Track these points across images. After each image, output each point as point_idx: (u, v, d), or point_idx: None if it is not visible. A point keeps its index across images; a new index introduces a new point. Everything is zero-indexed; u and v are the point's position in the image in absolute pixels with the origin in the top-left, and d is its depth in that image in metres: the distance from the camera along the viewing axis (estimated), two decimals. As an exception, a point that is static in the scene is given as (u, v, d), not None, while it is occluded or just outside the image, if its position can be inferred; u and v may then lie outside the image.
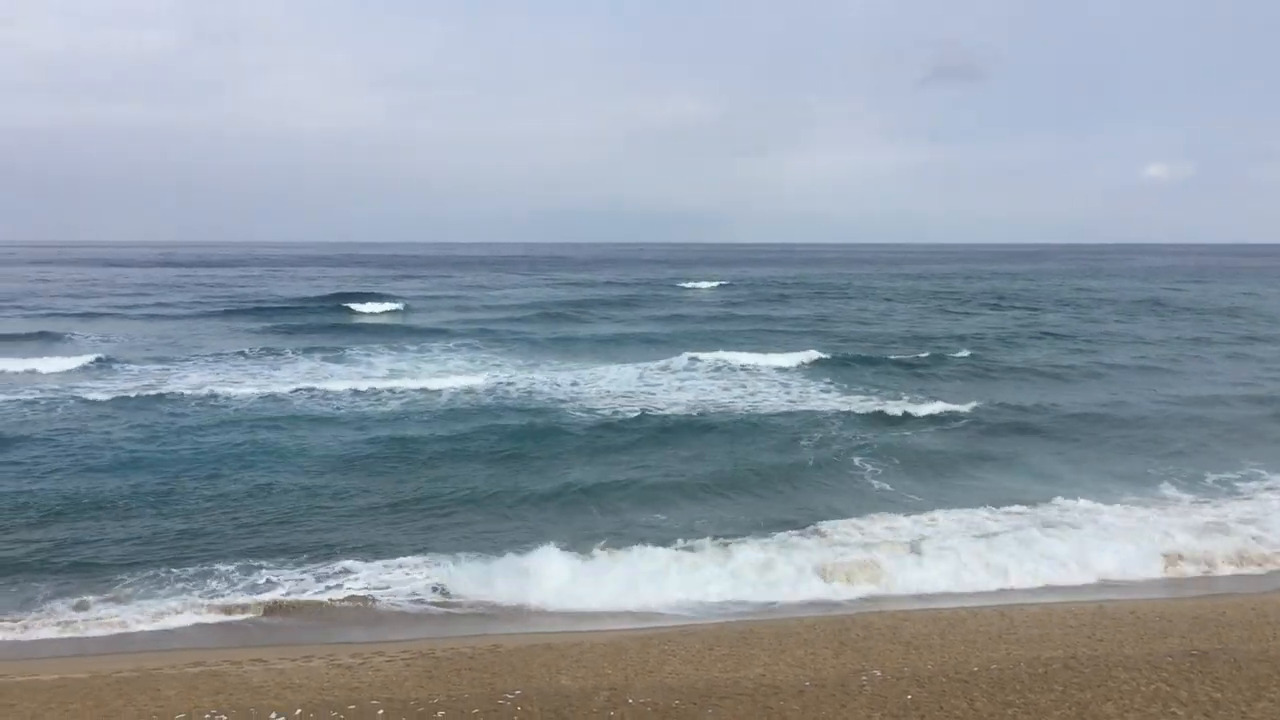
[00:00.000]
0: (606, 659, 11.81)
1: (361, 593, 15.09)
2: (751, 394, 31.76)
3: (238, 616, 14.30)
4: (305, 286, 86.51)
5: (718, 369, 37.03)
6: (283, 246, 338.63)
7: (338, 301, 67.52)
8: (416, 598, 14.99)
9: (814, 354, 39.48)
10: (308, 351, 41.19)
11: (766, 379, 35.08)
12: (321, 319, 56.60)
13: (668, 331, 51.29)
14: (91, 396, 29.23)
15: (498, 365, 38.01)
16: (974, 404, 29.14)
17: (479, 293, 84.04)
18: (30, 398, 29.04)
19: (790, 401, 30.53)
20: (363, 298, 69.68)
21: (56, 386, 31.41)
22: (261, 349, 41.46)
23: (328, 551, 16.68)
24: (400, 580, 15.56)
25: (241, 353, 39.91)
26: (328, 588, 15.27)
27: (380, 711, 10.06)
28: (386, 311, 63.18)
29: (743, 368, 37.22)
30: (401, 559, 16.41)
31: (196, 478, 20.86)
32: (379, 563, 16.25)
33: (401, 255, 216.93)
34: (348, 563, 16.21)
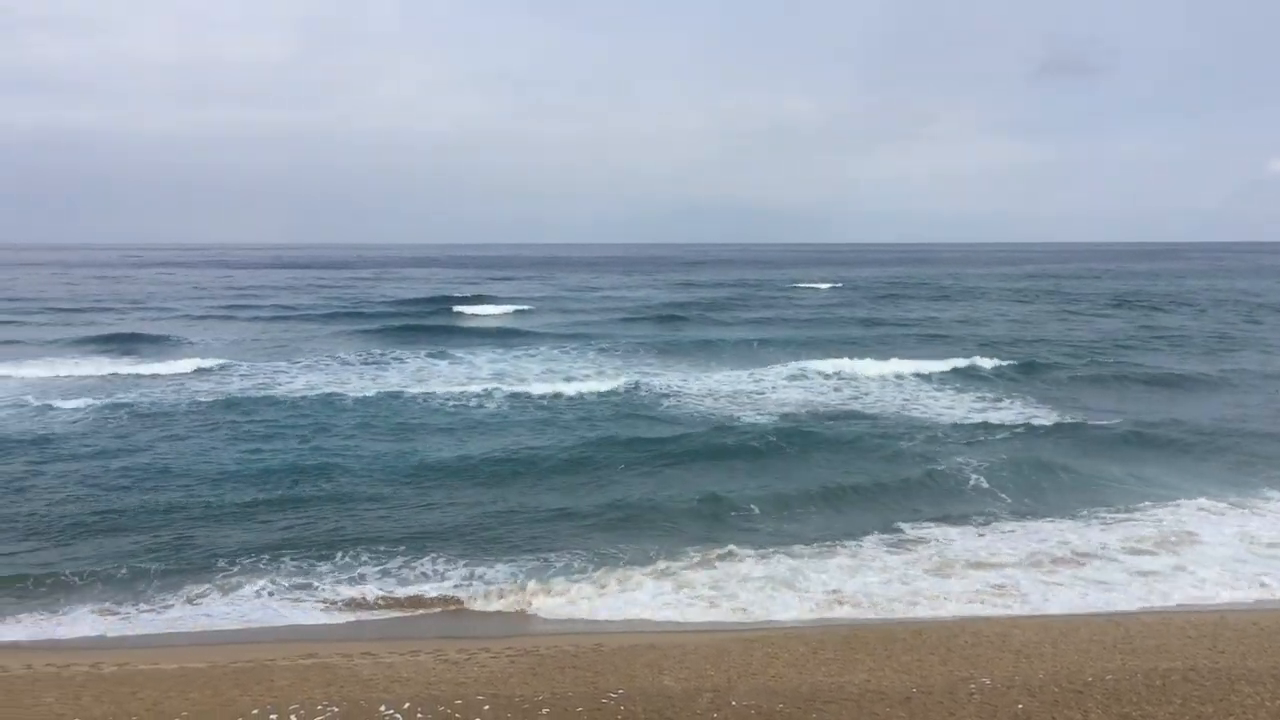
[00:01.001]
0: (709, 660, 11.77)
1: (469, 590, 15.30)
2: (875, 400, 31.08)
3: (348, 611, 14.63)
4: (415, 288, 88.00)
5: (836, 375, 35.81)
6: (392, 248, 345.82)
7: (447, 304, 68.42)
8: (520, 596, 15.13)
9: (952, 362, 37.36)
10: (417, 353, 41.85)
11: (890, 385, 34.01)
12: (431, 321, 57.23)
13: (784, 335, 49.91)
14: (208, 399, 30.19)
15: (615, 369, 37.56)
16: (1115, 417, 28.03)
17: (586, 294, 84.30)
18: (151, 399, 30.13)
19: (911, 406, 30.01)
20: (472, 300, 70.55)
21: (175, 387, 32.53)
22: (371, 351, 42.41)
23: (436, 549, 16.92)
24: (507, 579, 15.74)
25: (353, 355, 40.78)
26: (436, 584, 15.52)
27: (486, 707, 10.17)
28: (496, 314, 63.51)
29: (866, 375, 35.76)
30: (509, 558, 16.60)
31: (308, 476, 21.35)
32: (488, 561, 16.45)
33: (507, 256, 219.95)
34: (454, 560, 16.44)
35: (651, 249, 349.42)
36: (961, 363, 37.36)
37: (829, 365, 37.29)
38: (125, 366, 36.56)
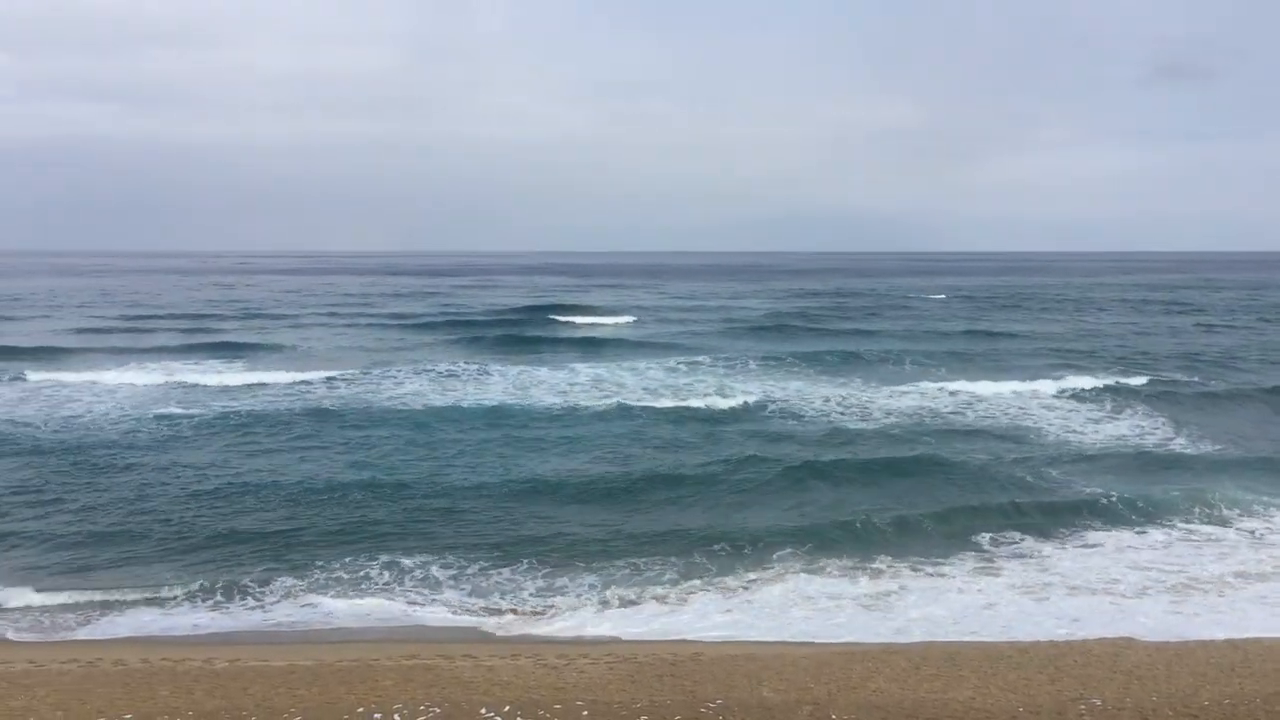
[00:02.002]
0: (809, 673, 11.64)
1: (567, 598, 15.41)
2: (998, 417, 30.09)
3: (450, 614, 14.84)
4: (519, 296, 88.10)
5: (959, 390, 33.99)
6: (493, 255, 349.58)
7: (552, 313, 67.42)
8: (617, 606, 15.18)
9: (1070, 381, 35.19)
10: (524, 363, 41.37)
11: (1016, 402, 32.32)
12: (537, 331, 56.49)
13: (904, 347, 46.81)
14: (316, 406, 30.88)
15: (733, 382, 36.00)
16: (1243, 438, 26.72)
17: (692, 303, 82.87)
18: (260, 406, 30.96)
19: (1032, 422, 29.24)
20: (580, 310, 69.14)
21: (283, 395, 33.37)
22: (474, 360, 42.72)
23: (535, 557, 17.08)
24: (604, 587, 15.81)
25: (457, 364, 41.11)
26: (534, 592, 15.67)
27: (585, 713, 10.21)
28: (603, 324, 62.15)
29: (991, 392, 33.67)
30: (608, 569, 16.67)
31: (411, 484, 21.55)
32: (587, 571, 16.55)
33: (607, 264, 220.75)
34: (554, 569, 16.59)
35: (753, 257, 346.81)
36: (1086, 382, 35.23)
37: (953, 382, 35.61)
38: (236, 375, 37.59)
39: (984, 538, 18.22)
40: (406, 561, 16.70)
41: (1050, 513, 19.60)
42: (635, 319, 65.02)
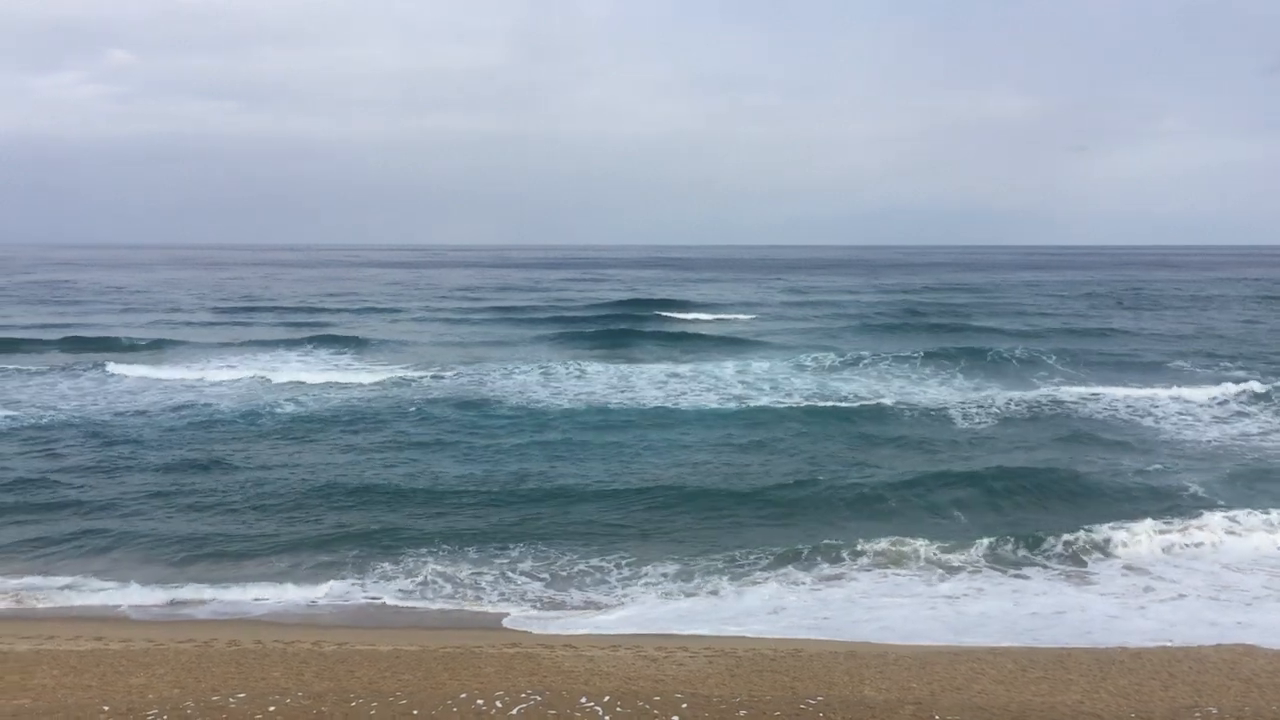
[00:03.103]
0: (912, 672, 11.47)
1: (668, 591, 15.46)
2: (1135, 418, 29.02)
3: (550, 606, 15.02)
4: (628, 291, 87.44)
5: (1095, 395, 31.70)
6: (597, 249, 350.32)
7: (661, 308, 66.69)
8: (717, 599, 15.17)
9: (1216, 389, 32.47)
10: (635, 358, 41.44)
11: (1139, 405, 30.36)
12: (650, 326, 55.49)
13: (1026, 346, 42.82)
14: (431, 398, 31.50)
15: (860, 382, 34.60)
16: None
17: (802, 297, 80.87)
18: (368, 401, 31.67)
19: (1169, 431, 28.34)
20: (690, 306, 68.36)
21: (395, 388, 34.07)
22: (580, 355, 42.99)
23: (634, 550, 17.20)
24: (706, 580, 15.82)
25: (562, 360, 41.30)
26: (634, 584, 15.75)
27: (684, 705, 10.21)
28: (713, 320, 60.80)
29: (1122, 396, 31.57)
30: (706, 560, 16.68)
31: (517, 478, 21.85)
32: (690, 565, 16.58)
33: (711, 258, 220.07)
34: (653, 564, 16.64)
35: (858, 251, 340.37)
36: (1218, 382, 33.28)
37: (1079, 384, 33.70)
38: (344, 368, 38.53)
39: (1095, 538, 17.71)
40: (506, 554, 16.95)
41: (1167, 513, 18.97)
42: (750, 315, 63.13)
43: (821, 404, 30.00)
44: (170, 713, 9.57)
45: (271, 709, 9.76)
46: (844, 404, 29.94)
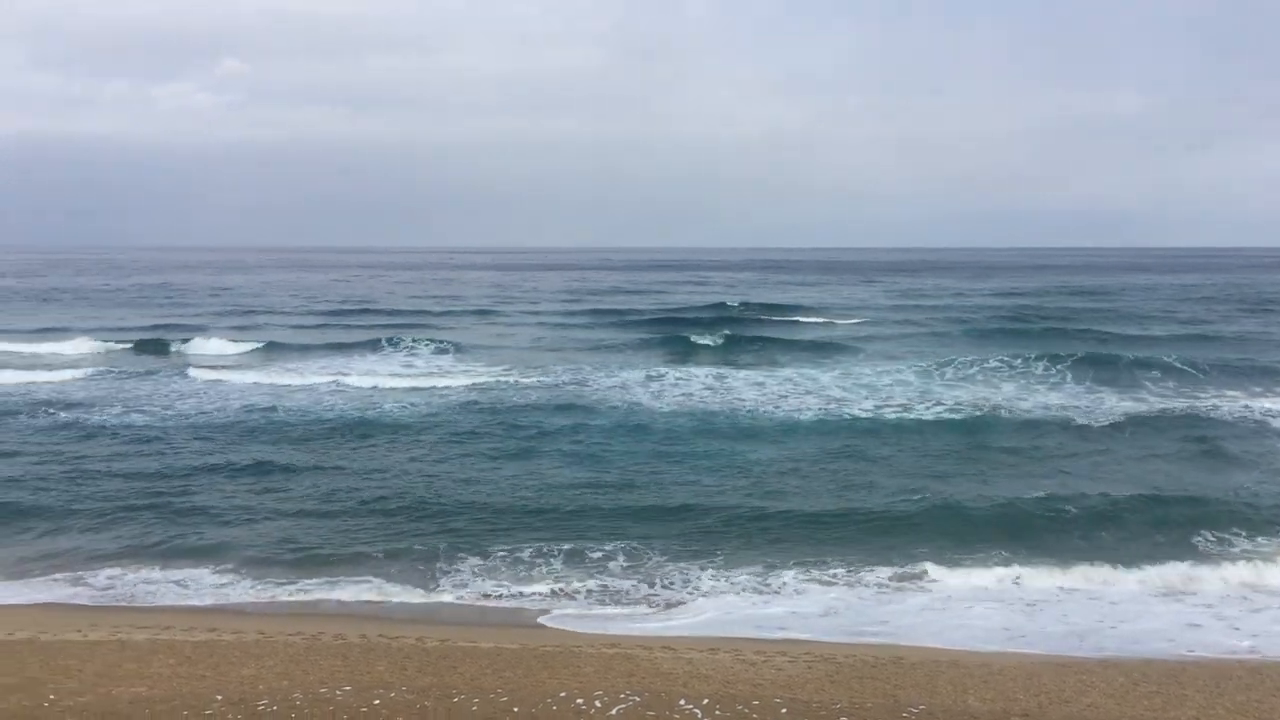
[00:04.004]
0: (1018, 683, 11.22)
1: (769, 594, 15.38)
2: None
3: (650, 606, 15.05)
4: (734, 293, 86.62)
5: (1226, 405, 29.61)
6: (704, 251, 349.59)
7: (774, 312, 65.37)
8: (815, 601, 15.04)
9: None
10: (745, 364, 41.23)
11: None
12: (760, 331, 53.34)
13: (1160, 354, 39.17)
14: (532, 400, 31.84)
15: (989, 391, 32.74)
16: None
17: (918, 301, 78.07)
18: (472, 402, 32.11)
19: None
20: (801, 309, 66.94)
21: (497, 389, 34.53)
22: (691, 360, 42.89)
23: (737, 552, 17.13)
24: (807, 584, 15.70)
25: (663, 364, 41.35)
26: (734, 588, 15.69)
27: (783, 710, 10.15)
28: (834, 325, 58.79)
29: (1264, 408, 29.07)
30: (807, 564, 16.54)
31: (614, 484, 21.86)
32: (793, 566, 16.47)
33: (824, 260, 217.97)
34: (755, 566, 16.56)
35: (965, 253, 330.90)
36: None
37: (1209, 393, 31.72)
38: (447, 370, 39.09)
39: (1208, 547, 17.12)
40: (607, 558, 17.02)
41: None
42: (853, 319, 61.36)
43: (927, 411, 29.35)
44: (280, 703, 9.83)
45: (376, 702, 9.97)
46: (951, 411, 29.20)
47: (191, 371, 37.23)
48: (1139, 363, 37.18)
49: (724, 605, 14.99)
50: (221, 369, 38.12)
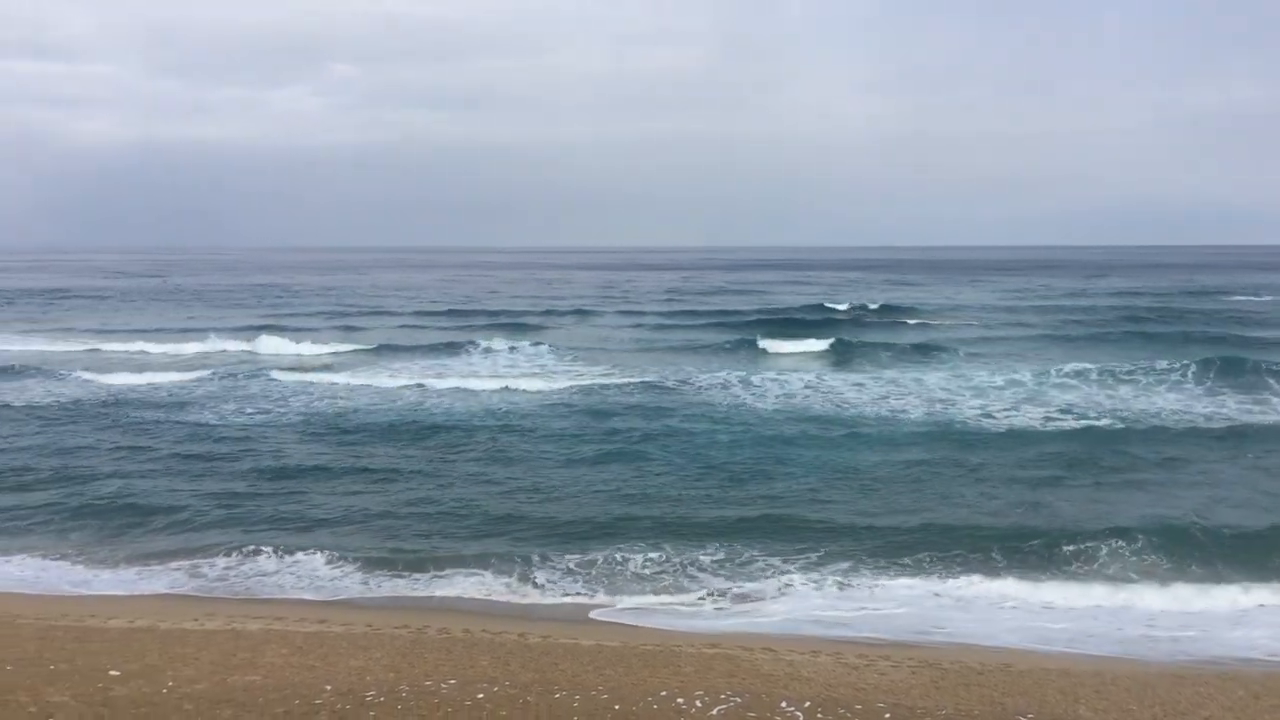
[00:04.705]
0: (1130, 694, 10.89)
1: (877, 598, 15.21)
2: None
3: (747, 606, 15.01)
4: (841, 293, 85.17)
5: None
6: (806, 250, 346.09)
7: (887, 314, 64.19)
8: (923, 609, 14.81)
9: None
10: (826, 364, 41.27)
11: None
12: (873, 336, 50.76)
13: None
14: (635, 400, 31.93)
15: (1123, 399, 30.96)
16: None
17: (1035, 302, 75.64)
18: (579, 404, 32.33)
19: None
20: (913, 312, 65.37)
21: (605, 391, 34.73)
22: (777, 359, 42.66)
23: (837, 555, 16.95)
24: (913, 584, 15.50)
25: (766, 361, 41.00)
26: (841, 589, 15.56)
27: (886, 715, 10.01)
28: (923, 325, 57.69)
29: None
30: (911, 570, 16.32)
31: (731, 481, 21.94)
32: (898, 572, 16.27)
33: (932, 259, 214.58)
34: (859, 571, 16.38)
35: (1079, 251, 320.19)
36: None
37: None
38: (542, 375, 39.37)
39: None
40: (704, 552, 17.01)
41: None
42: (960, 320, 59.95)
43: (1038, 415, 28.46)
44: (387, 695, 10.03)
45: (480, 696, 10.10)
46: (1064, 415, 28.34)
47: (300, 372, 38.19)
48: (1270, 369, 35.14)
49: (820, 606, 14.86)
50: (328, 370, 39.09)
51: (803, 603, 15.05)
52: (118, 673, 10.50)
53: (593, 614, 14.84)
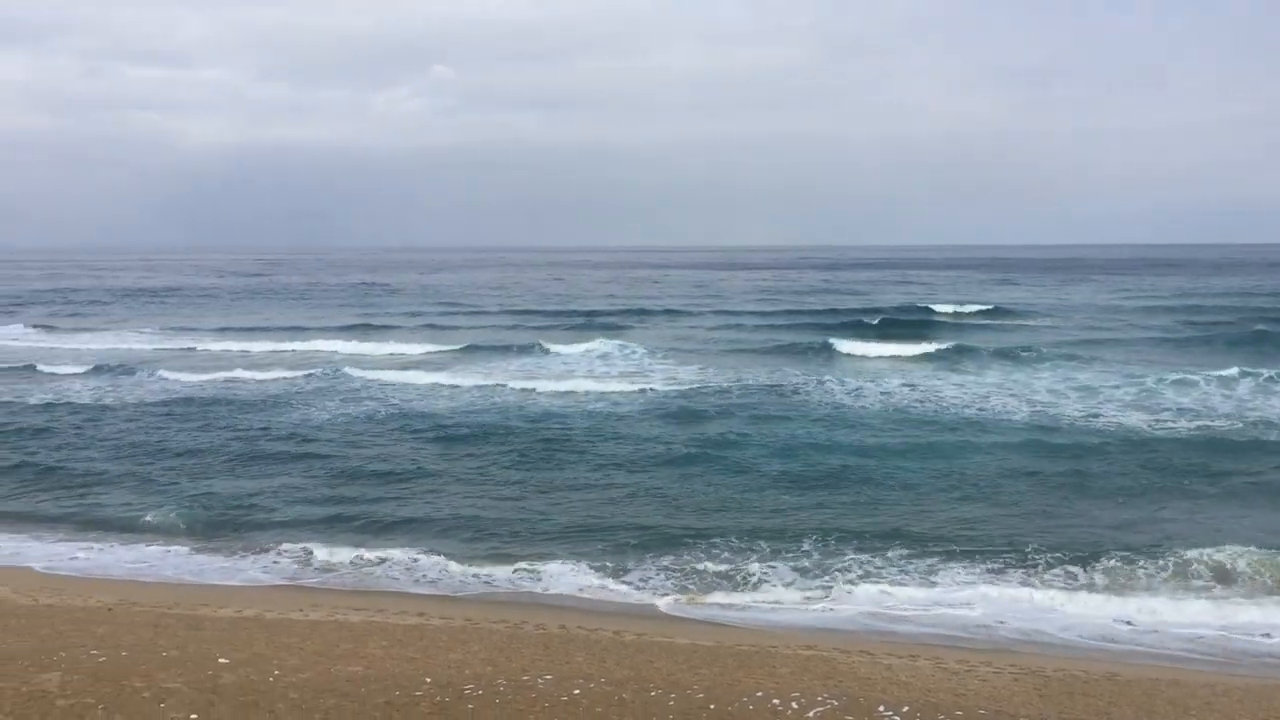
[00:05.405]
0: (1243, 706, 10.51)
1: (982, 599, 14.96)
2: None
3: (844, 606, 14.86)
4: (925, 291, 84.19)
5: None
6: (903, 250, 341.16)
7: (995, 316, 62.75)
8: (1034, 615, 14.51)
9: None
10: (927, 364, 40.75)
11: None
12: (986, 340, 48.41)
13: None
14: (735, 401, 31.78)
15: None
16: None
17: (1124, 300, 74.04)
18: (666, 400, 32.33)
19: None
20: (998, 312, 63.77)
21: (702, 393, 34.71)
22: (872, 359, 42.20)
23: (935, 556, 16.70)
24: (1026, 589, 15.18)
25: (856, 363, 40.59)
26: (943, 592, 15.32)
27: (987, 723, 9.80)
28: (1023, 327, 55.96)
29: None
30: (1032, 574, 15.99)
31: (831, 479, 21.97)
32: (1013, 579, 15.97)
33: (1029, 258, 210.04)
34: (970, 576, 16.11)
35: (1184, 250, 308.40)
36: None
37: None
38: (640, 375, 39.48)
39: None
40: (805, 555, 16.94)
41: None
42: (1075, 321, 57.90)
43: (1149, 422, 27.32)
44: (485, 689, 10.13)
45: (576, 692, 10.15)
46: (1174, 423, 27.21)
47: (397, 371, 38.84)
48: None
49: (919, 610, 14.66)
50: (424, 369, 39.70)
51: (900, 606, 14.85)
52: (226, 660, 10.80)
53: (686, 613, 14.84)
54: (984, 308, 67.66)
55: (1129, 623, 14.18)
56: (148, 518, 19.51)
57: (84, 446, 25.57)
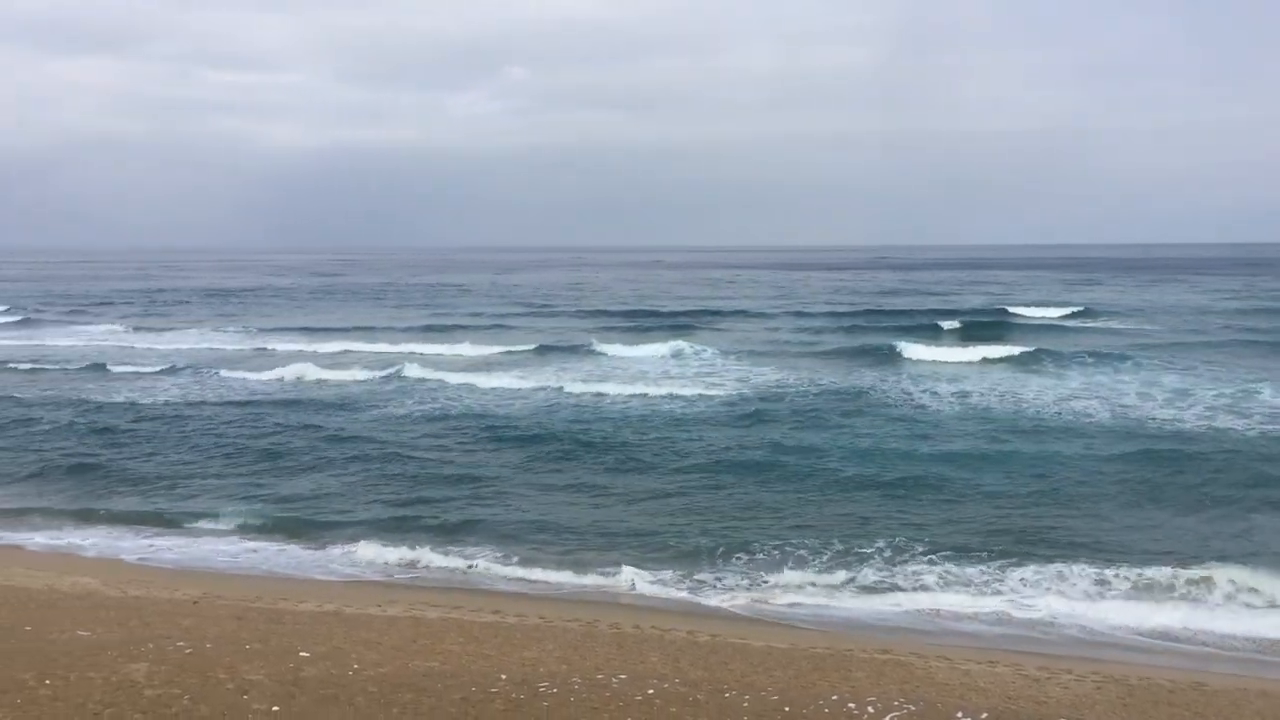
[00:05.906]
0: (1340, 721, 10.17)
1: (1060, 609, 14.71)
2: None
3: (920, 609, 14.71)
4: (1004, 292, 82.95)
5: None
6: (983, 249, 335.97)
7: (1070, 318, 61.21)
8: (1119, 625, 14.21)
9: None
10: (1007, 366, 40.12)
11: None
12: (1029, 340, 47.35)
13: None
14: (817, 406, 31.60)
15: None
16: None
17: (1229, 299, 71.77)
18: (738, 402, 32.24)
19: None
20: (1086, 313, 62.54)
21: (775, 394, 34.55)
22: (950, 360, 41.70)
23: (1013, 557, 16.43)
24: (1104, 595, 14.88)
25: (938, 364, 40.21)
26: (1029, 596, 15.09)
27: (1069, 731, 9.62)
28: (1108, 329, 54.36)
29: None
30: (1120, 581, 15.67)
31: (904, 472, 21.93)
32: (1099, 586, 15.67)
33: (1110, 258, 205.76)
34: (1050, 582, 15.85)
35: (1274, 249, 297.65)
36: None
37: None
38: (714, 376, 39.42)
39: None
40: (876, 549, 16.83)
41: None
42: (1162, 323, 56.10)
43: (1240, 426, 26.33)
44: (560, 686, 10.19)
45: (650, 692, 10.16)
46: (1269, 426, 26.15)
47: (469, 373, 38.86)
48: None
49: (997, 614, 14.46)
50: (495, 370, 39.75)
51: (979, 610, 14.66)
52: (307, 654, 10.99)
53: (760, 614, 14.80)
54: (1074, 309, 65.47)
55: (1214, 632, 13.83)
56: (229, 514, 19.97)
57: (168, 444, 26.22)
